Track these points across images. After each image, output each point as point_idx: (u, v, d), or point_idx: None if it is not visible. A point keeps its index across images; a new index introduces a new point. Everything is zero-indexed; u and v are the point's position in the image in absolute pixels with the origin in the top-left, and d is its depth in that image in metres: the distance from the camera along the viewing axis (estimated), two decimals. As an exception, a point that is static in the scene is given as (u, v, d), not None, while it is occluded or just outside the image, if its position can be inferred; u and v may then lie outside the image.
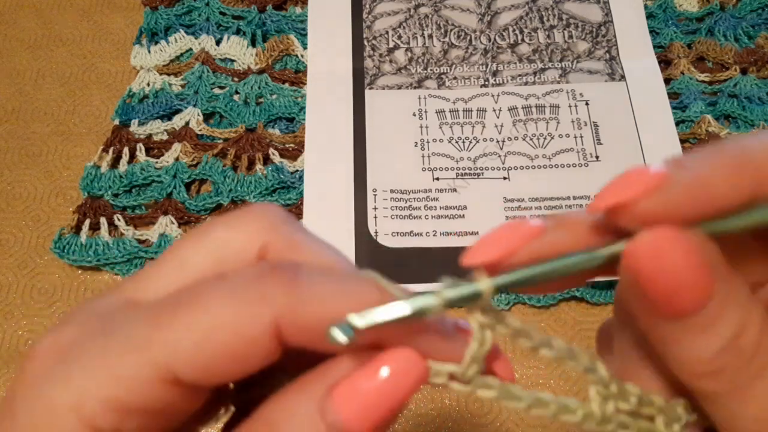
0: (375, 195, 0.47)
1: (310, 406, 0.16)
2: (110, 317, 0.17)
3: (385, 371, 0.16)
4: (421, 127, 0.50)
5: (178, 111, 0.51)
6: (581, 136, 0.49)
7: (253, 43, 0.55)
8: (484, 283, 0.17)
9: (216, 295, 0.16)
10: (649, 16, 0.55)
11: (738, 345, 0.16)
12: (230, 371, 0.16)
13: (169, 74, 0.54)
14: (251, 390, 0.20)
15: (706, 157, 0.17)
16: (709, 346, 0.16)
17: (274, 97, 0.52)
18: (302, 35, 0.55)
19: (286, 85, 0.53)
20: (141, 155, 0.49)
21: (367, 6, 0.55)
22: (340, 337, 0.16)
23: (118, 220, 0.47)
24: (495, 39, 0.54)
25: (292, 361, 0.18)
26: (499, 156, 0.48)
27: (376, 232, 0.45)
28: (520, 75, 0.52)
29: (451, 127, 0.50)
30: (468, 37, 0.54)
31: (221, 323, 0.16)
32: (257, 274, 0.17)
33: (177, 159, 0.49)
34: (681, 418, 0.18)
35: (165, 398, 0.16)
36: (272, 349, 0.16)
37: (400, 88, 0.51)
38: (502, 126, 0.50)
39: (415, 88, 0.51)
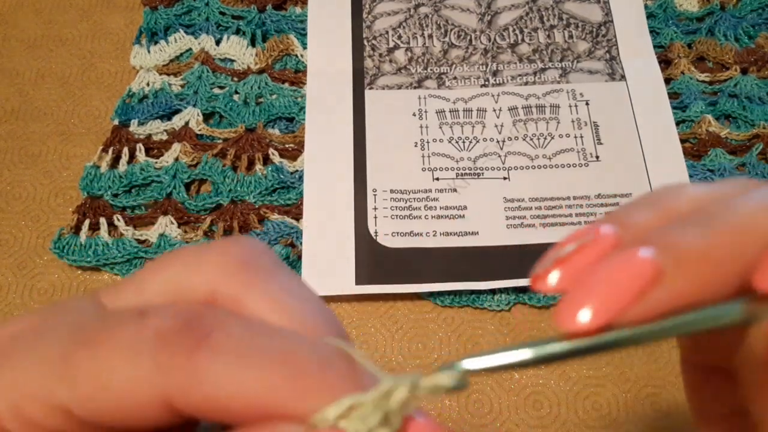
0: (375, 195, 0.47)
1: None
2: (57, 321, 0.17)
3: None
4: (421, 127, 0.50)
5: (177, 111, 0.51)
6: (581, 136, 0.49)
7: (252, 43, 0.55)
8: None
9: (117, 346, 0.16)
10: (650, 16, 0.55)
11: None
12: (124, 423, 0.16)
13: (168, 74, 0.54)
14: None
15: None
16: None
17: (274, 97, 0.52)
18: (302, 35, 0.55)
19: (286, 85, 0.53)
20: (141, 155, 0.49)
21: (367, 6, 0.55)
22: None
23: (118, 220, 0.47)
24: (495, 39, 0.53)
25: None
26: (499, 156, 0.48)
27: (376, 232, 0.45)
28: (520, 75, 0.52)
29: (451, 127, 0.50)
30: (468, 37, 0.54)
31: (112, 379, 0.15)
32: (168, 329, 0.15)
33: (177, 159, 0.49)
34: None
35: (63, 425, 0.16)
36: (164, 416, 0.16)
37: (400, 88, 0.51)
38: (502, 126, 0.50)
39: (415, 88, 0.51)
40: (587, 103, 0.50)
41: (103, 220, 0.47)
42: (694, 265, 0.15)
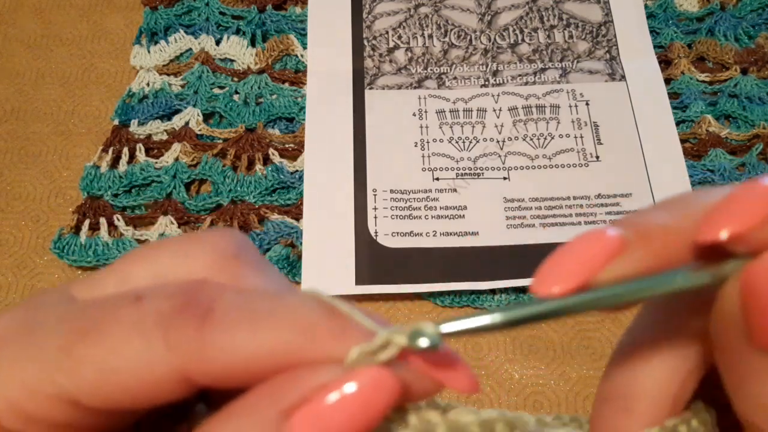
0: (375, 195, 0.47)
1: (262, 430, 0.15)
2: (41, 316, 0.17)
3: (351, 388, 0.15)
4: (421, 127, 0.50)
5: (177, 111, 0.51)
6: (581, 136, 0.49)
7: (252, 43, 0.55)
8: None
9: (123, 330, 0.15)
10: (650, 16, 0.55)
11: None
12: (135, 404, 0.16)
13: (168, 74, 0.54)
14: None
15: None
16: None
17: (274, 97, 0.52)
18: (302, 35, 0.55)
19: (286, 85, 0.53)
20: (141, 155, 0.49)
21: (367, 6, 0.55)
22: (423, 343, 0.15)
23: (118, 220, 0.47)
24: (495, 39, 0.53)
25: None
26: (499, 156, 0.48)
27: (376, 232, 0.45)
28: (520, 75, 0.52)
29: (451, 127, 0.50)
30: (468, 37, 0.54)
31: (123, 363, 0.15)
32: (169, 309, 0.15)
33: (177, 159, 0.49)
34: None
35: (69, 415, 0.16)
36: (179, 389, 0.16)
37: (400, 88, 0.51)
38: (502, 126, 0.50)
39: (415, 88, 0.51)
40: (587, 103, 0.50)
41: (103, 220, 0.47)
42: (654, 236, 0.16)
